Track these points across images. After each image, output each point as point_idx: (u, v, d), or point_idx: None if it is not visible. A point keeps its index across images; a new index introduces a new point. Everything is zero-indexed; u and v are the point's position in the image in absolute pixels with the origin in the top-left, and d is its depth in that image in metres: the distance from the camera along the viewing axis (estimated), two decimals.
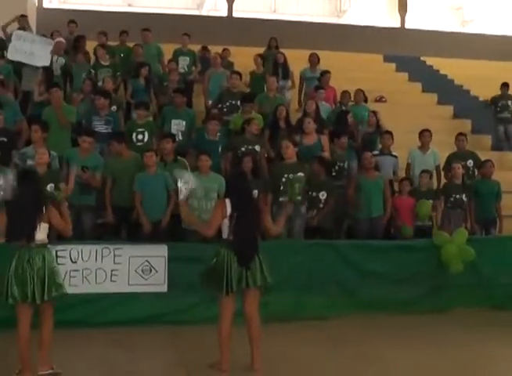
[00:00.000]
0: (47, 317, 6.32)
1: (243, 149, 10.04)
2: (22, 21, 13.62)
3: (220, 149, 10.12)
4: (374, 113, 11.91)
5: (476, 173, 11.16)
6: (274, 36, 14.88)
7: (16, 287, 6.11)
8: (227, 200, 6.56)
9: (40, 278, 6.14)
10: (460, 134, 11.57)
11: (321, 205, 9.55)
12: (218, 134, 10.26)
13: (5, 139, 9.02)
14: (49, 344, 6.32)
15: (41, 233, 6.28)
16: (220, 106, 11.79)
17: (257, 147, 10.17)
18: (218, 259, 6.48)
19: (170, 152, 9.37)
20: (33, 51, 11.97)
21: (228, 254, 6.43)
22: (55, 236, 6.64)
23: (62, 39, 12.68)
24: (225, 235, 6.54)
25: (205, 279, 6.64)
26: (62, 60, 12.24)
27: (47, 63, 11.96)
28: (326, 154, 10.11)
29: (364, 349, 7.49)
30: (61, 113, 9.91)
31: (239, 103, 11.53)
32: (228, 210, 6.50)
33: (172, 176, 7.82)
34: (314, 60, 13.82)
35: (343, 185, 10.14)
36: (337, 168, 10.25)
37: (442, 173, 11.12)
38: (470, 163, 11.17)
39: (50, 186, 8.07)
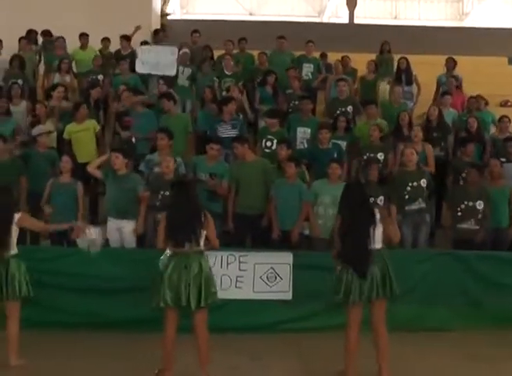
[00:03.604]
0: (200, 324, 6.45)
1: (365, 157, 10.01)
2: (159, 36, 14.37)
3: (336, 156, 10.00)
4: (505, 118, 11.52)
5: None
6: (396, 41, 14.76)
7: (168, 291, 6.29)
8: None
9: (196, 285, 6.31)
10: None
11: (479, 216, 9.29)
12: (332, 141, 10.24)
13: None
14: (206, 349, 6.44)
15: (201, 240, 6.52)
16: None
17: (379, 155, 10.11)
18: (338, 271, 6.51)
19: (283, 159, 9.25)
20: (159, 60, 12.30)
21: (345, 266, 6.44)
22: None
23: (187, 50, 13.05)
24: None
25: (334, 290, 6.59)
26: (188, 70, 12.65)
27: (173, 73, 12.32)
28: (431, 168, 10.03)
29: (494, 366, 7.24)
30: None
31: (349, 109, 11.54)
32: None
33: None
34: (450, 65, 13.62)
35: None
36: (464, 175, 9.97)
37: None
38: None
39: None
